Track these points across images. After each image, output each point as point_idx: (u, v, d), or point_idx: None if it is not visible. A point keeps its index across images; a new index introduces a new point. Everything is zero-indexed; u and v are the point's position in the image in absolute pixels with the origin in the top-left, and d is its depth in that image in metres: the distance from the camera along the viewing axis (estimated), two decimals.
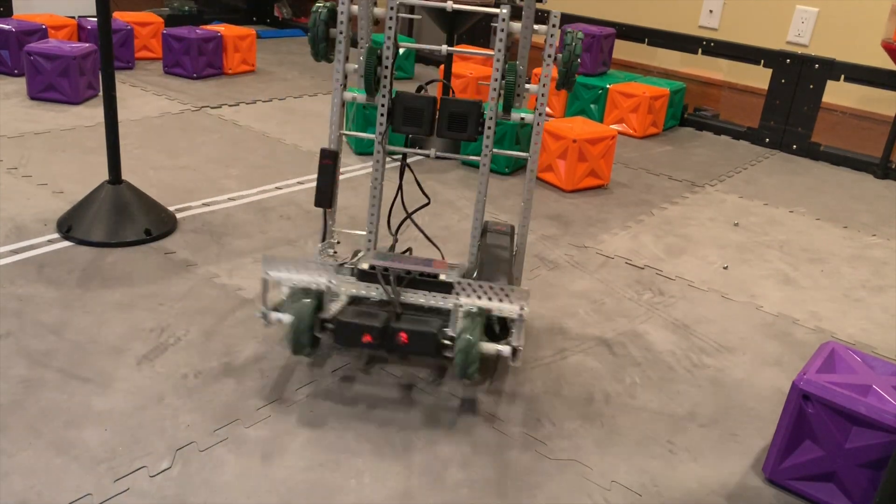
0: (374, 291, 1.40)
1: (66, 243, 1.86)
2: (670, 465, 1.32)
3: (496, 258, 1.51)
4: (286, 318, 1.35)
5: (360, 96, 1.51)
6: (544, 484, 1.24)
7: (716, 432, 1.42)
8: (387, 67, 1.48)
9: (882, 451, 1.17)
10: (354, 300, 1.41)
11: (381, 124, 1.51)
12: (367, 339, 1.32)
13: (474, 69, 3.46)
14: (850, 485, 1.21)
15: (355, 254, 1.57)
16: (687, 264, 2.12)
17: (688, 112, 3.62)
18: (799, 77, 3.24)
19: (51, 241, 1.86)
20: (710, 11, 3.73)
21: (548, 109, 3.55)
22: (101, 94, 2.97)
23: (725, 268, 2.12)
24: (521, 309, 1.33)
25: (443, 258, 1.80)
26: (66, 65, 2.89)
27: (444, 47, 1.57)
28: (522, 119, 1.54)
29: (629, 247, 2.19)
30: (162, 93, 3.25)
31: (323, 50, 1.51)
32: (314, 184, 2.07)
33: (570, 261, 2.06)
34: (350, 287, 1.41)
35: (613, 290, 1.92)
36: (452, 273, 1.40)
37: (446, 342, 1.32)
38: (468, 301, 1.35)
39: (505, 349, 1.32)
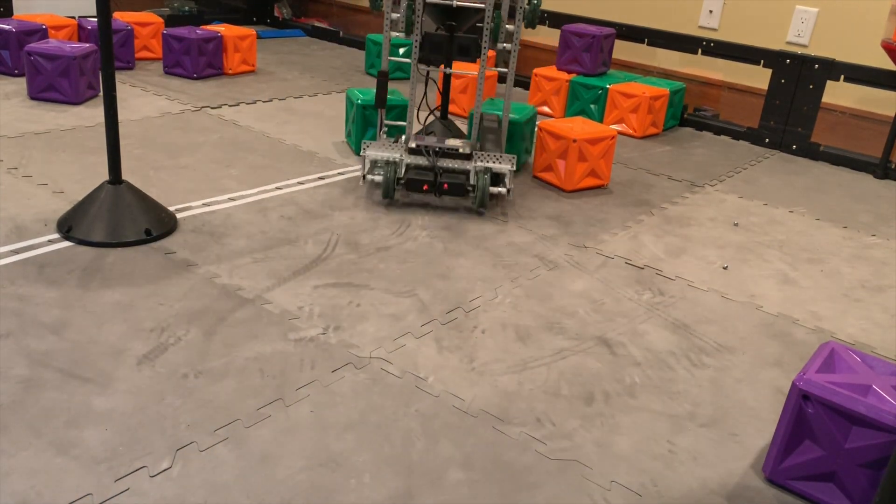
0: (422, 160, 2.29)
1: (67, 243, 1.86)
2: (670, 465, 1.32)
3: (491, 133, 2.45)
4: (378, 178, 2.31)
5: (401, 35, 2.32)
6: (544, 484, 1.24)
7: (716, 432, 1.42)
8: (418, 17, 2.25)
9: (882, 451, 1.17)
10: (409, 168, 2.29)
11: (415, 52, 2.29)
12: (425, 187, 2.26)
13: (474, 67, 3.45)
14: (849, 485, 1.21)
15: (397, 139, 2.48)
16: (687, 264, 2.12)
17: (688, 112, 3.62)
18: (799, 77, 3.25)
19: (51, 241, 1.86)
20: (710, 11, 3.73)
21: (547, 109, 3.55)
22: (101, 94, 2.98)
23: (725, 268, 2.12)
24: (510, 166, 2.28)
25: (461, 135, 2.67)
26: (66, 65, 2.89)
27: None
28: (505, 47, 2.30)
29: (629, 247, 2.19)
30: (162, 93, 3.25)
31: (378, 4, 2.33)
32: (315, 184, 2.44)
33: (570, 261, 2.06)
34: (409, 158, 2.28)
35: (613, 290, 1.92)
36: (466, 146, 2.28)
37: (469, 188, 2.27)
38: (479, 164, 2.27)
39: (502, 190, 2.31)
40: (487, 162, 2.26)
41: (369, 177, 2.33)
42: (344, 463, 1.24)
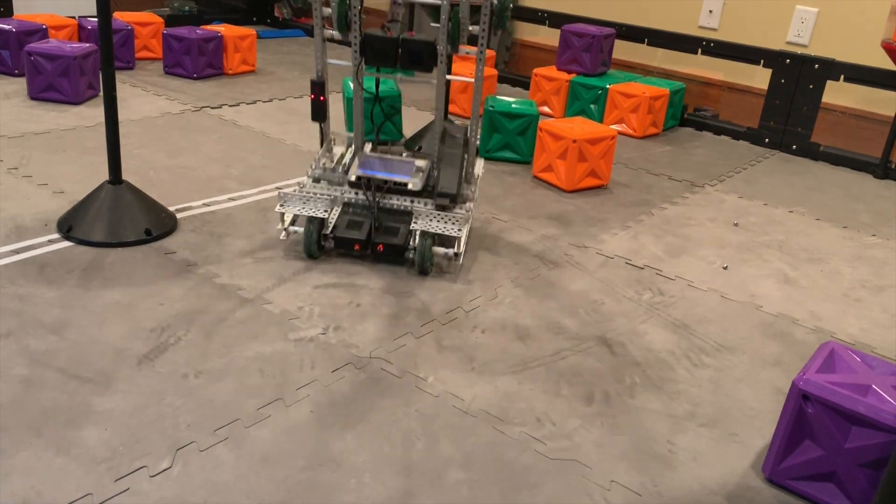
0: (361, 196, 1.92)
1: (67, 243, 1.86)
2: (670, 465, 1.32)
3: (451, 160, 1.97)
4: (301, 229, 1.91)
5: (337, 34, 1.89)
6: (544, 484, 1.24)
7: (716, 432, 1.42)
8: (355, 13, 1.84)
9: (882, 451, 1.17)
10: (346, 208, 1.94)
11: (354, 58, 1.90)
12: (356, 247, 1.88)
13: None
14: (849, 485, 1.21)
15: (342, 156, 2.05)
16: (687, 264, 2.12)
17: (688, 112, 3.62)
18: (799, 77, 3.24)
19: (51, 241, 1.86)
20: (710, 11, 3.73)
21: (547, 109, 3.55)
22: (101, 94, 2.98)
23: (725, 268, 2.12)
24: (458, 228, 1.85)
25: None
26: (66, 65, 2.89)
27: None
28: (468, 53, 1.91)
29: (629, 247, 2.19)
30: (162, 93, 3.25)
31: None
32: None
33: (570, 261, 2.06)
34: (350, 193, 1.92)
35: (613, 290, 1.92)
36: (416, 179, 1.90)
37: (409, 252, 1.88)
38: (421, 225, 1.85)
39: (449, 251, 1.90)
40: (431, 223, 1.84)
41: (292, 228, 1.96)
42: (344, 463, 1.24)
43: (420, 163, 1.98)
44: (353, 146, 2.10)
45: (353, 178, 1.90)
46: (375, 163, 1.95)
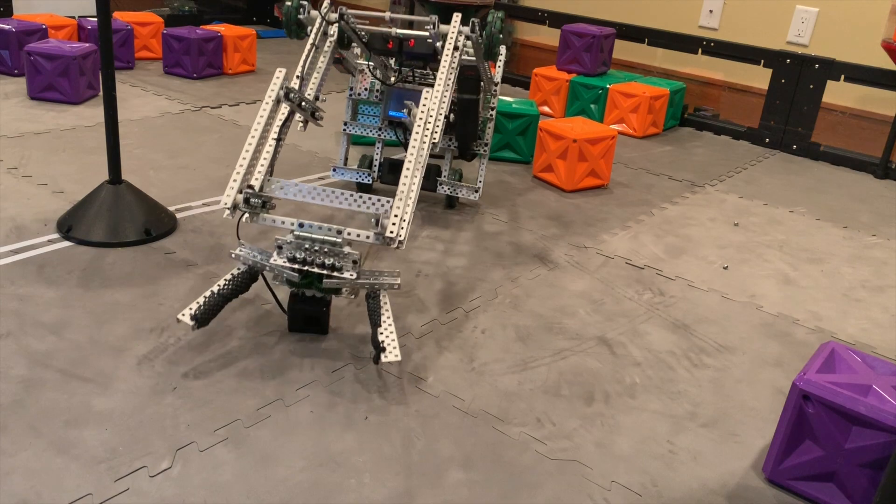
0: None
1: (67, 243, 1.86)
2: (670, 465, 1.32)
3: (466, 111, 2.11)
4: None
5: None
6: (544, 484, 1.24)
7: (716, 432, 1.42)
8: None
9: (882, 451, 1.17)
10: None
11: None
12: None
13: None
14: (850, 485, 1.21)
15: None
16: (687, 264, 2.12)
17: (688, 112, 3.62)
18: (799, 77, 3.24)
19: (51, 241, 1.86)
20: (710, 11, 3.73)
21: (547, 109, 3.55)
22: (101, 94, 2.98)
23: (725, 268, 2.12)
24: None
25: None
26: (66, 65, 2.89)
27: (388, 14, 1.93)
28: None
29: (629, 247, 2.19)
30: (162, 93, 3.25)
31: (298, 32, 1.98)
32: (315, 184, 2.16)
33: (570, 261, 2.06)
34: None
35: (613, 290, 1.92)
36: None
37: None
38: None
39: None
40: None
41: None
42: (344, 463, 1.24)
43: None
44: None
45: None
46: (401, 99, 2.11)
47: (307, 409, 1.35)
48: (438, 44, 1.89)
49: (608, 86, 3.34)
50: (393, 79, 2.19)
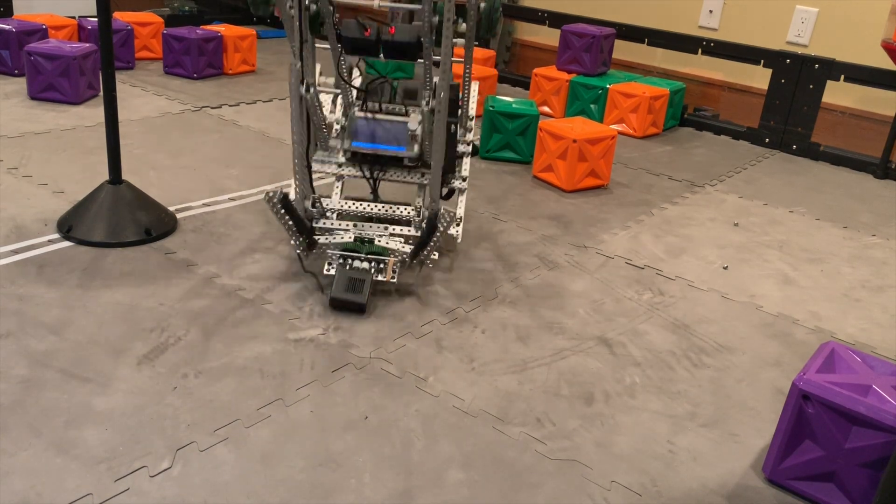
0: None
1: (67, 243, 1.86)
2: (670, 465, 1.32)
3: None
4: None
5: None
6: (544, 484, 1.24)
7: (716, 432, 1.42)
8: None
9: (882, 451, 1.17)
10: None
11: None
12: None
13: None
14: (850, 485, 1.21)
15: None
16: (687, 264, 2.12)
17: (688, 112, 3.62)
18: (799, 77, 3.24)
19: (51, 241, 1.86)
20: (710, 11, 3.73)
21: (547, 109, 3.55)
22: (101, 94, 2.98)
23: (725, 268, 2.12)
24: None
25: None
26: (66, 65, 2.89)
27: (377, 2, 1.79)
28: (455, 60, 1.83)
29: (629, 247, 2.19)
30: (162, 93, 3.25)
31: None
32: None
33: (570, 261, 2.06)
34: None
35: (613, 290, 1.92)
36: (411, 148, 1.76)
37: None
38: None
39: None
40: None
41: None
42: (344, 463, 1.24)
43: (413, 123, 1.79)
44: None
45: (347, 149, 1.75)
46: (369, 130, 1.88)
47: (307, 409, 1.35)
48: (427, 31, 1.72)
49: (608, 86, 3.34)
50: (357, 105, 1.94)
